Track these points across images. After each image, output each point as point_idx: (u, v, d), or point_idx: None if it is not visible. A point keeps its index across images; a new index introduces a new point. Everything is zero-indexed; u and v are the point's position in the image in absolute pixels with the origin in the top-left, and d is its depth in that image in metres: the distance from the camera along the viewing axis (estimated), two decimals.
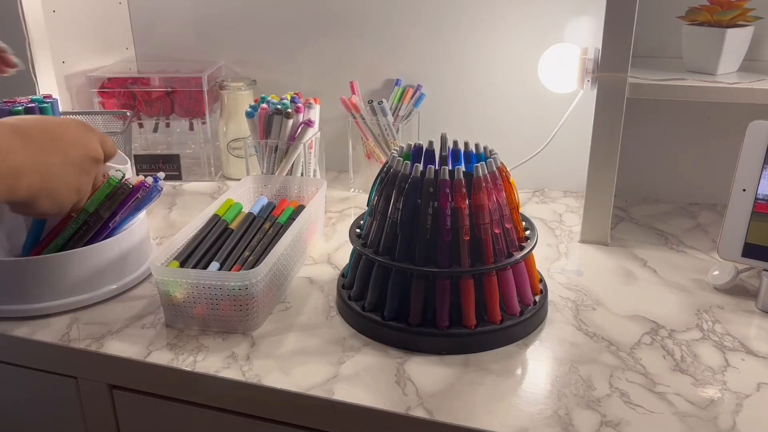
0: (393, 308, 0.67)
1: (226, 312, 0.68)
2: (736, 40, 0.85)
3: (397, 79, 1.10)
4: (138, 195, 0.74)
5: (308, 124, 0.95)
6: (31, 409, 0.75)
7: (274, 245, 0.73)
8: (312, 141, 0.98)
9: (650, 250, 0.88)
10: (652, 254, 0.87)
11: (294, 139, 0.95)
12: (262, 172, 0.97)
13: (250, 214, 0.83)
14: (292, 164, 0.96)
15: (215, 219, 0.80)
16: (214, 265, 0.72)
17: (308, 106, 0.96)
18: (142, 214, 0.80)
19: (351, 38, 1.12)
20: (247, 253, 0.75)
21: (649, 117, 1.02)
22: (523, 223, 0.73)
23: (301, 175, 0.98)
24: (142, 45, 1.24)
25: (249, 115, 0.96)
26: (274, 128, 0.95)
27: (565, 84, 0.94)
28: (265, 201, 0.88)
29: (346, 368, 0.63)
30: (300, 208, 0.85)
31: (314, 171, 1.01)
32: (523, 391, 0.60)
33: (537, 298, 0.71)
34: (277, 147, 0.95)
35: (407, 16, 1.08)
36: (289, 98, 0.98)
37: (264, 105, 0.95)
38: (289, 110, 0.94)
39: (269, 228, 0.81)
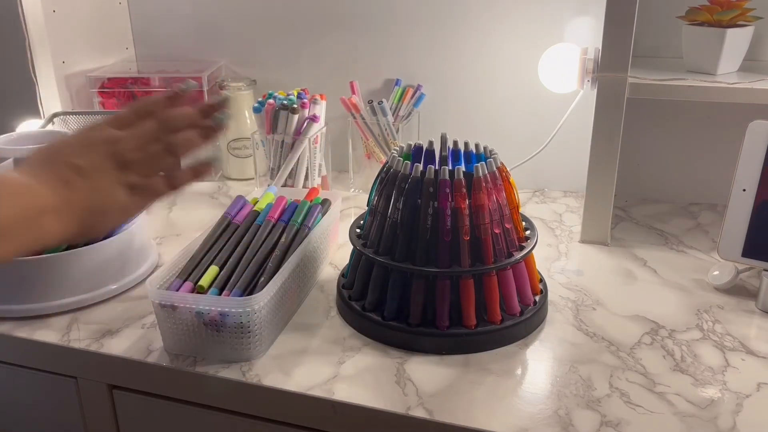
0: (393, 308, 0.67)
1: (225, 339, 0.63)
2: (736, 40, 0.85)
3: (397, 79, 1.10)
4: None
5: (313, 119, 0.96)
6: (31, 409, 0.75)
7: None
8: (318, 136, 0.99)
9: (650, 250, 0.88)
10: (652, 254, 0.87)
11: (299, 134, 0.97)
12: (269, 166, 0.99)
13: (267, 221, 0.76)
14: (298, 158, 0.98)
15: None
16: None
17: (314, 101, 0.98)
18: (142, 214, 0.79)
19: (351, 38, 1.12)
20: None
21: (649, 117, 1.02)
22: (523, 223, 0.72)
23: (307, 168, 0.99)
24: (142, 45, 1.24)
25: (256, 110, 0.98)
26: (280, 123, 0.97)
27: (565, 84, 0.94)
28: (275, 190, 0.83)
29: (346, 368, 0.63)
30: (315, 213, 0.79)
31: (320, 165, 1.02)
32: (523, 391, 0.60)
33: (537, 298, 0.71)
34: (283, 141, 0.97)
35: (407, 16, 1.08)
36: (295, 94, 0.99)
37: (271, 101, 0.97)
38: (295, 106, 0.95)
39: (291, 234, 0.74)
